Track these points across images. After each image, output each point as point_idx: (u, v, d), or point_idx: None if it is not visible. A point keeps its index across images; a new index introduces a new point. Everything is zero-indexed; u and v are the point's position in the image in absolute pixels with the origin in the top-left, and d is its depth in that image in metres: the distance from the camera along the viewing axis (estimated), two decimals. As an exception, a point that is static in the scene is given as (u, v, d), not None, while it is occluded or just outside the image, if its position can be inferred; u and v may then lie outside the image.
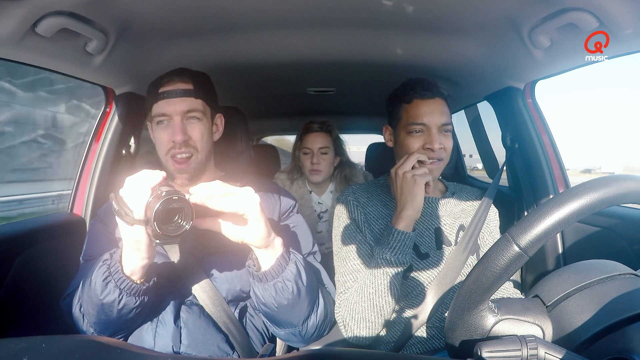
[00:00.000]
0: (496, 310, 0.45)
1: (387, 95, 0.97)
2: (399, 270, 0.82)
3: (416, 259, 0.89)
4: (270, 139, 3.72)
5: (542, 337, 0.45)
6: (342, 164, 1.70)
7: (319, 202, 1.68)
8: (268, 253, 0.68)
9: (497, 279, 0.41)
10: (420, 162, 0.86)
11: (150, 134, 0.89)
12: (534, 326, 0.45)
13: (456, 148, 1.98)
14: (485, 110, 1.59)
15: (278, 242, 0.70)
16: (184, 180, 0.84)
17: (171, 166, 0.83)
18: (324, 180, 1.65)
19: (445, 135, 0.89)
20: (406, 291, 0.88)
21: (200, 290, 0.78)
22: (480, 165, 2.23)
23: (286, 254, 0.70)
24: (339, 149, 1.68)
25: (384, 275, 0.81)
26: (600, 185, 0.40)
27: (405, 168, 0.84)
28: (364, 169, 2.13)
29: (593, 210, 0.40)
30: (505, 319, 0.44)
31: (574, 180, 1.09)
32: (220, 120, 0.91)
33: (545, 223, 0.39)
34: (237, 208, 0.62)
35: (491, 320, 0.44)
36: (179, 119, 0.81)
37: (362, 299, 0.82)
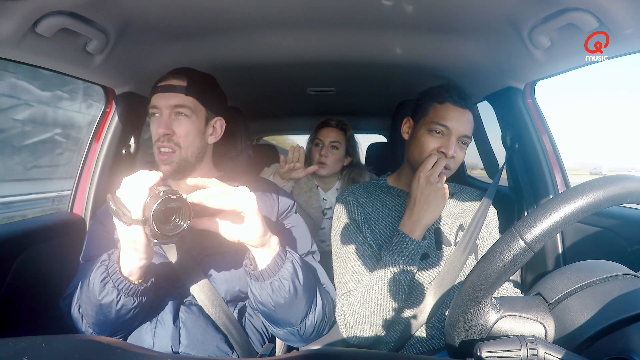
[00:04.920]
0: (499, 307, 0.44)
1: (420, 90, 0.97)
2: (408, 276, 0.82)
3: None
4: (271, 139, 3.71)
5: (544, 335, 0.45)
6: (352, 165, 1.70)
7: (323, 199, 1.68)
8: (264, 252, 0.69)
9: (502, 274, 0.41)
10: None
11: None
12: (536, 324, 0.45)
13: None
14: (486, 111, 1.59)
15: (274, 241, 0.70)
16: (167, 172, 0.83)
17: (157, 156, 0.84)
18: (330, 175, 1.65)
19: (461, 147, 0.90)
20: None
21: (199, 291, 0.78)
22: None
23: (282, 253, 0.70)
24: (351, 149, 1.68)
25: (394, 282, 0.81)
26: (605, 183, 0.40)
27: (434, 175, 0.83)
28: None
29: (598, 208, 0.40)
30: (507, 315, 0.44)
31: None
32: (219, 123, 0.89)
33: (552, 219, 0.40)
34: (235, 206, 0.62)
35: (493, 317, 0.44)
36: (167, 113, 0.82)
37: (369, 304, 0.82)
